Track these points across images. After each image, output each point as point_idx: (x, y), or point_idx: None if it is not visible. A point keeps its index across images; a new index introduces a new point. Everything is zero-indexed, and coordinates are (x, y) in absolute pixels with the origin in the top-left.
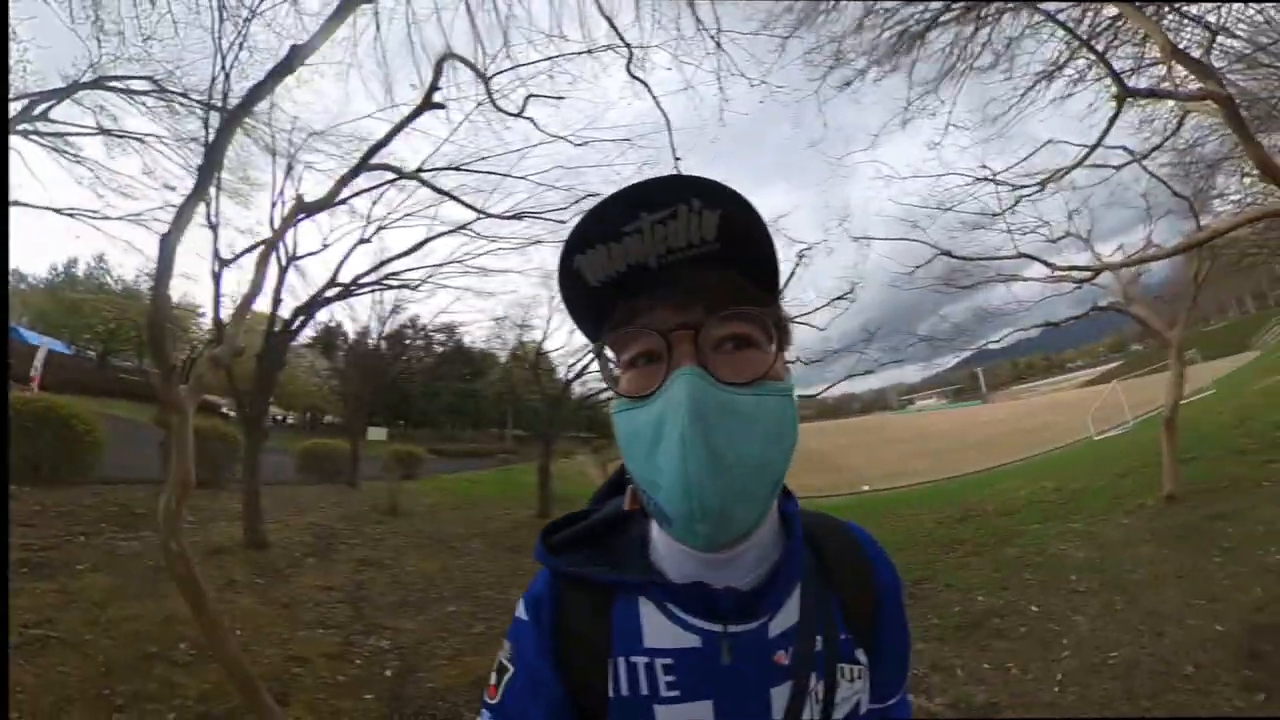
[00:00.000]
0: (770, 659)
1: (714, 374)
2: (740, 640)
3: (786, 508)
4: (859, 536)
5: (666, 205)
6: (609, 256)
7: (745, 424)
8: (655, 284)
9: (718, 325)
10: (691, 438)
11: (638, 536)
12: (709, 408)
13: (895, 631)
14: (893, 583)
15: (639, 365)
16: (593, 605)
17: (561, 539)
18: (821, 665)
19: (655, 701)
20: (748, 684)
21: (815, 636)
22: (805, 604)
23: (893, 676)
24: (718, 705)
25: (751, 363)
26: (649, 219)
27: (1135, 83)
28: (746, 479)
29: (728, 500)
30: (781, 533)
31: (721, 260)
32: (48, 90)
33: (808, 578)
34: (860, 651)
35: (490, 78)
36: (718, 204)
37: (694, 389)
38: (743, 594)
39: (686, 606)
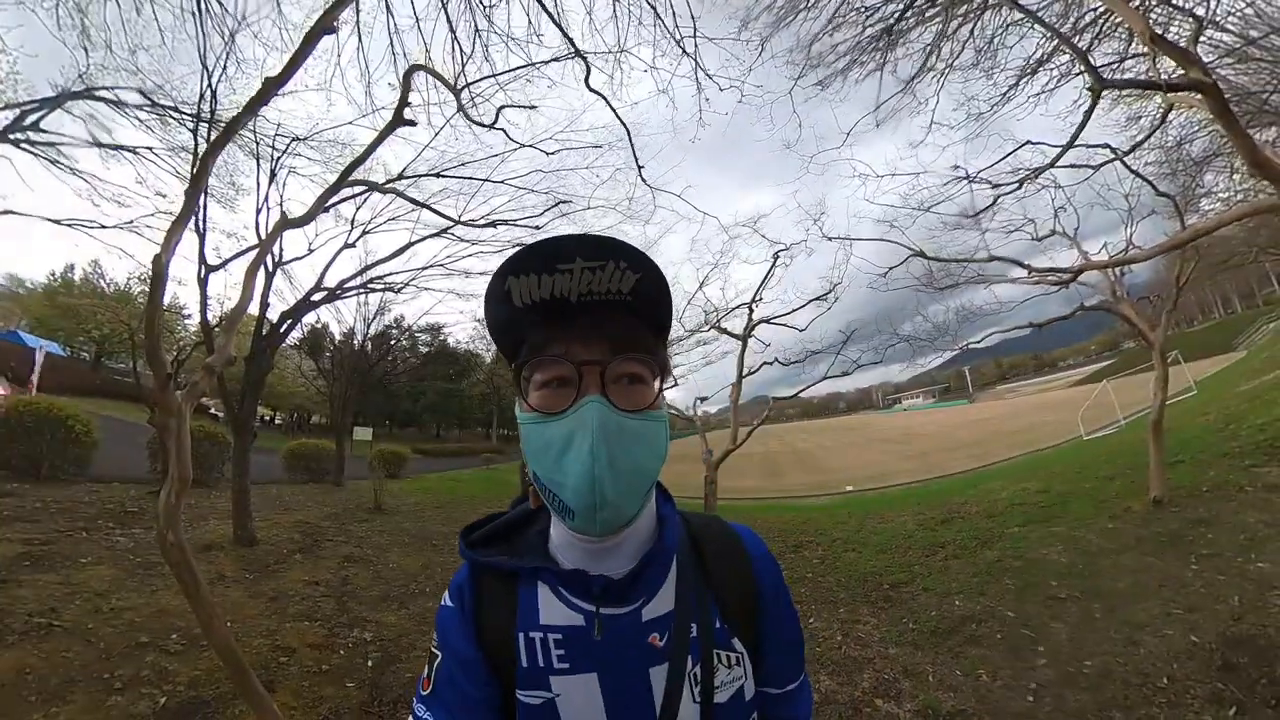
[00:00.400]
0: (645, 641)
1: (613, 401)
2: (613, 621)
3: (663, 510)
4: (745, 539)
5: (600, 259)
6: (538, 284)
7: (633, 441)
8: (570, 317)
9: (619, 364)
10: (599, 449)
11: (540, 531)
12: (610, 427)
13: (781, 623)
14: (774, 580)
15: (552, 387)
16: (503, 589)
17: (478, 536)
18: (697, 650)
19: (550, 672)
20: (626, 661)
21: (690, 624)
22: (680, 594)
23: (786, 663)
24: (602, 679)
25: (641, 395)
26: (582, 263)
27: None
28: (632, 480)
29: (619, 495)
30: (656, 531)
31: (627, 309)
32: (37, 100)
33: (684, 572)
34: (737, 640)
35: (460, 89)
36: (640, 269)
37: (600, 414)
38: (614, 581)
39: (571, 589)
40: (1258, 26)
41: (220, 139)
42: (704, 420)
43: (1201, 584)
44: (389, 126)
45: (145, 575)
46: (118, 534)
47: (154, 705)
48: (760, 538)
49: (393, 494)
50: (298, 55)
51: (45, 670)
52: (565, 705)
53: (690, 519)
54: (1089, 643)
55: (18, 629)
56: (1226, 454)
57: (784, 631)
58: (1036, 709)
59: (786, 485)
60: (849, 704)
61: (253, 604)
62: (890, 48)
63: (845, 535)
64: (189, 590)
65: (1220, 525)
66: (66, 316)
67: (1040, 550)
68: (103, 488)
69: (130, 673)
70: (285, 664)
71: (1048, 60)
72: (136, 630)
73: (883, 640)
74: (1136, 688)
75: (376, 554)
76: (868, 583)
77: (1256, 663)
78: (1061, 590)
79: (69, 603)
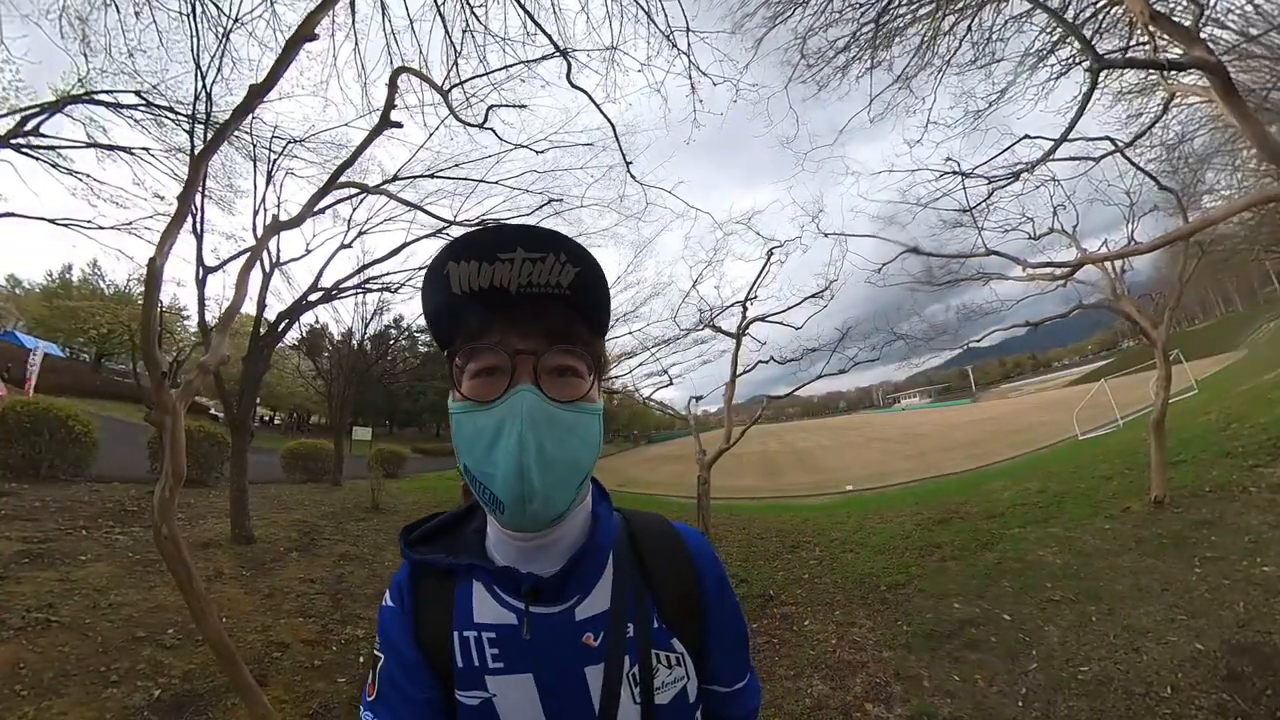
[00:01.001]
0: (579, 640)
1: (545, 392)
2: (544, 621)
3: (598, 509)
4: (687, 539)
5: (541, 251)
6: (478, 272)
7: (565, 432)
8: (508, 308)
9: (553, 355)
10: (527, 439)
11: (477, 529)
12: (540, 418)
13: (725, 623)
14: (717, 580)
15: (485, 376)
16: (440, 588)
17: (417, 535)
18: (635, 650)
19: (486, 672)
20: (560, 661)
21: (627, 624)
22: (616, 594)
23: (732, 661)
24: (537, 679)
25: (573, 387)
26: (524, 254)
27: (1123, 79)
28: (562, 471)
29: (549, 486)
30: (590, 529)
31: (566, 304)
32: (38, 105)
33: (621, 571)
34: (677, 641)
35: (448, 90)
36: (580, 263)
37: (530, 403)
38: (542, 579)
39: (503, 587)
40: (1257, 24)
41: (210, 145)
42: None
43: (1206, 588)
44: (376, 129)
45: (144, 572)
46: (117, 532)
47: (148, 698)
48: (704, 537)
49: (391, 493)
50: (279, 63)
51: (39, 664)
52: (503, 705)
53: (631, 518)
54: (1087, 648)
55: (14, 624)
56: (1229, 454)
57: (728, 630)
58: (1031, 715)
59: (785, 485)
60: (839, 709)
61: (248, 600)
62: (886, 45)
63: (844, 535)
64: (182, 583)
65: (1224, 527)
66: (66, 317)
67: (1038, 551)
68: (103, 487)
69: (126, 666)
70: (279, 659)
71: (1047, 55)
72: (133, 625)
73: (878, 643)
74: (1139, 697)
75: (372, 552)
76: (865, 584)
77: (1262, 672)
78: (1059, 593)
79: (67, 598)
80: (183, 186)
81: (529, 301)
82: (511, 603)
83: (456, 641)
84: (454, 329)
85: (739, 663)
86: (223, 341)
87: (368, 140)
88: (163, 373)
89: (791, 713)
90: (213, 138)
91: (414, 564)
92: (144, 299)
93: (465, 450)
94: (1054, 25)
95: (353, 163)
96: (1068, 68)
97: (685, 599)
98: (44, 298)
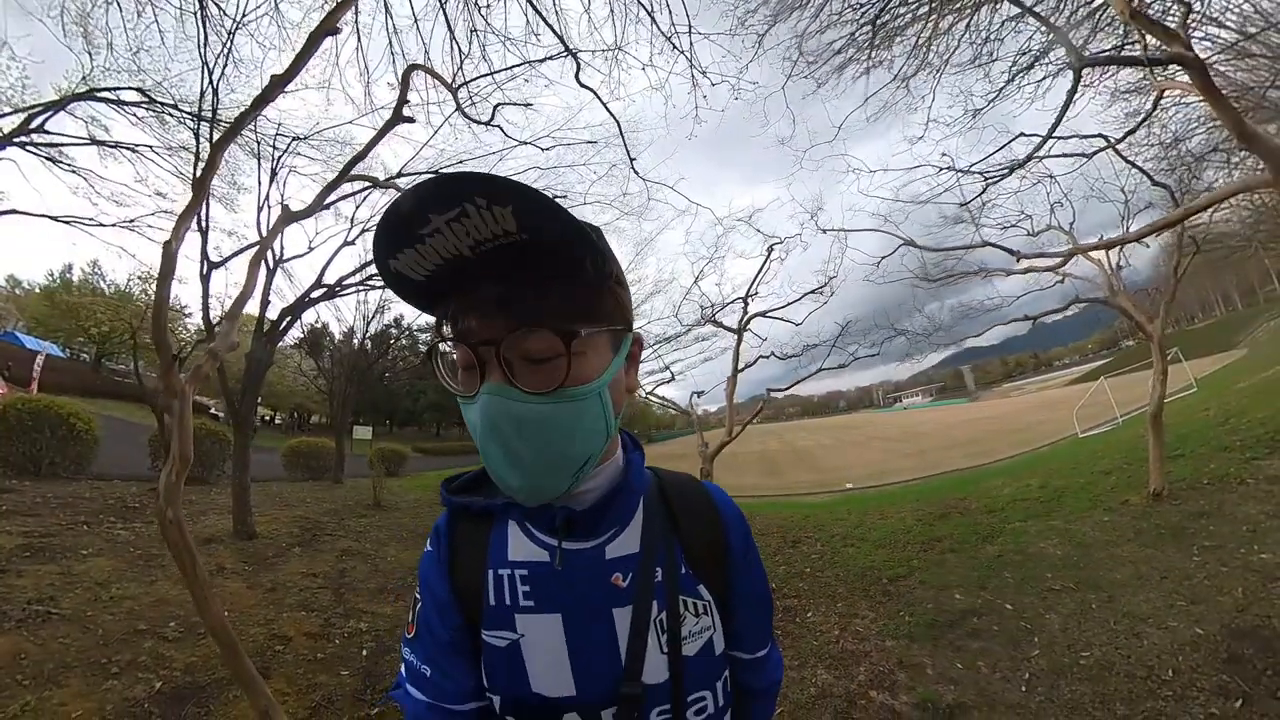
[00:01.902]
0: (608, 580)
1: (517, 383)
2: (576, 556)
3: (631, 455)
4: (714, 493)
5: (453, 206)
6: (420, 256)
7: (543, 429)
8: (475, 272)
9: (516, 342)
10: (486, 445)
11: None
12: (503, 421)
13: (749, 580)
14: (742, 535)
15: (464, 369)
16: (476, 531)
17: (458, 484)
18: (663, 595)
19: (516, 610)
20: (590, 601)
21: (655, 567)
22: (646, 537)
23: (755, 622)
24: (566, 619)
25: (549, 372)
26: (440, 219)
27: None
28: (544, 466)
29: (531, 482)
30: (624, 473)
31: (535, 251)
32: (42, 103)
33: (650, 517)
34: (704, 588)
35: (457, 88)
36: (505, 200)
37: (489, 406)
38: (575, 512)
39: (536, 524)
40: (1254, 22)
41: (229, 133)
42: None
43: (1204, 575)
44: (388, 124)
45: (145, 567)
46: (119, 528)
47: (150, 689)
48: (729, 496)
49: (392, 491)
50: (302, 54)
51: (40, 655)
52: (529, 649)
53: (661, 473)
54: (1088, 634)
55: (15, 616)
56: (1227, 448)
57: (752, 585)
58: (1035, 700)
59: (786, 483)
60: (845, 697)
61: (251, 594)
62: (884, 45)
63: (844, 531)
64: (185, 569)
65: (1222, 517)
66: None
67: (1039, 544)
68: (104, 484)
69: (127, 658)
70: (281, 652)
71: (1044, 55)
72: (134, 618)
73: (880, 634)
74: (1141, 680)
75: (374, 548)
76: (866, 577)
77: (1262, 654)
78: (1058, 582)
79: (68, 591)
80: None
81: (491, 264)
82: (545, 539)
83: (490, 580)
84: (436, 307)
85: (762, 628)
86: (233, 329)
87: (380, 134)
88: (173, 355)
89: (797, 701)
90: (232, 125)
91: (452, 509)
92: (157, 282)
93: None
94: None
95: (365, 156)
96: (1061, 67)
97: (712, 547)
98: (44, 297)
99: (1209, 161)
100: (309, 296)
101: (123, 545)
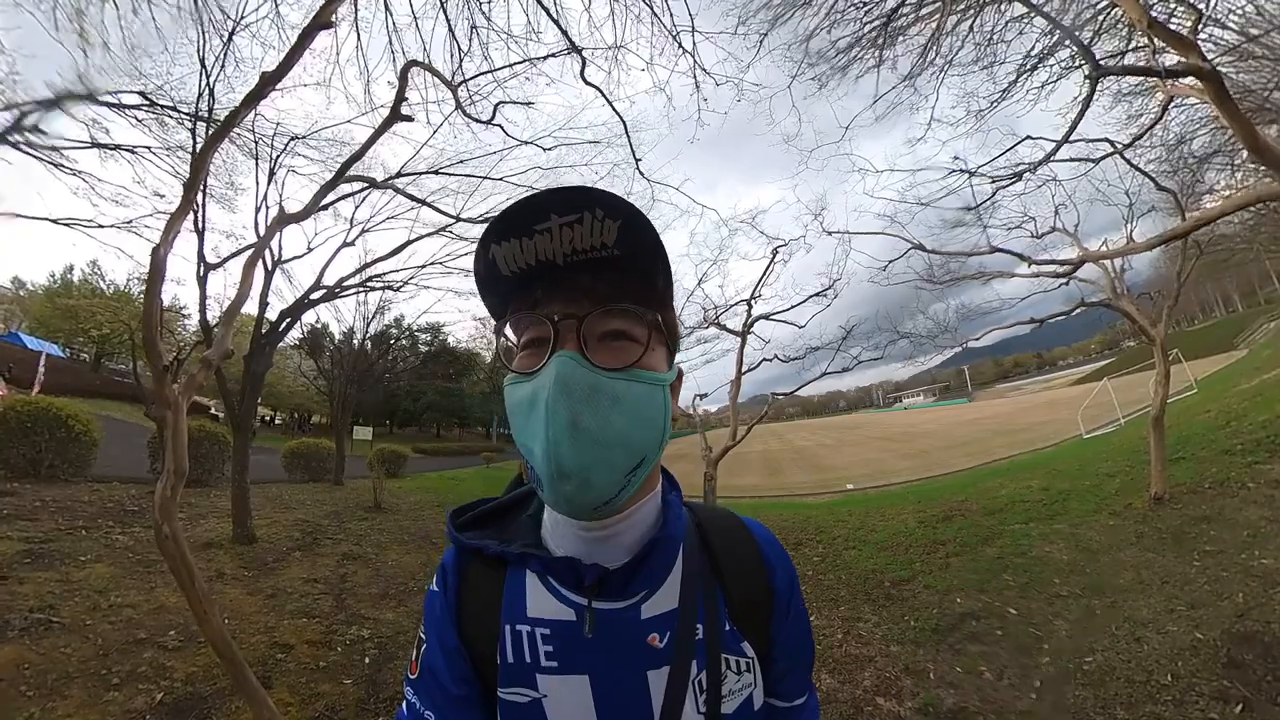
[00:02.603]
0: (644, 641)
1: (592, 359)
2: (608, 617)
3: (669, 496)
4: (757, 534)
5: (574, 211)
6: (520, 249)
7: (609, 403)
8: (560, 280)
9: (599, 320)
10: (554, 408)
11: (531, 516)
12: (575, 384)
13: (792, 630)
14: (788, 579)
15: (531, 348)
16: (490, 576)
17: (467, 519)
18: (703, 654)
19: (538, 670)
20: (622, 663)
21: (696, 624)
22: (685, 592)
23: (793, 673)
24: (594, 681)
25: (624, 352)
26: (558, 220)
27: (1123, 81)
28: (604, 448)
29: (585, 463)
30: (661, 520)
31: (620, 266)
32: (36, 101)
33: (690, 566)
34: (747, 645)
35: (457, 86)
36: (618, 215)
37: (563, 367)
38: (608, 571)
39: (561, 579)
40: (1258, 24)
41: (218, 133)
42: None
43: (1205, 580)
44: (386, 122)
45: (144, 573)
46: (117, 533)
47: (150, 701)
48: (772, 532)
49: (392, 493)
50: (294, 50)
51: (44, 665)
52: (552, 707)
53: (696, 509)
54: (1091, 639)
55: (17, 625)
56: (1228, 451)
57: (796, 636)
58: (1039, 706)
59: (787, 483)
60: (850, 703)
61: (251, 601)
62: (889, 44)
63: (846, 533)
64: (184, 583)
65: (1223, 522)
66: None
67: (1042, 547)
68: (103, 487)
69: (128, 669)
70: (283, 660)
71: (1048, 55)
72: (134, 627)
73: (884, 638)
74: (1140, 685)
75: (375, 552)
76: (869, 580)
77: (1263, 659)
78: (1063, 587)
79: (68, 599)
80: (188, 178)
81: (578, 270)
82: (570, 597)
83: (508, 635)
84: (508, 307)
85: (802, 676)
86: (227, 335)
87: (378, 133)
88: (165, 367)
89: None
90: (221, 124)
91: (461, 549)
92: (146, 289)
93: (512, 423)
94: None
95: (362, 155)
96: (1068, 70)
97: (756, 597)
98: (47, 299)
99: (1211, 164)
100: (308, 298)
101: (121, 551)
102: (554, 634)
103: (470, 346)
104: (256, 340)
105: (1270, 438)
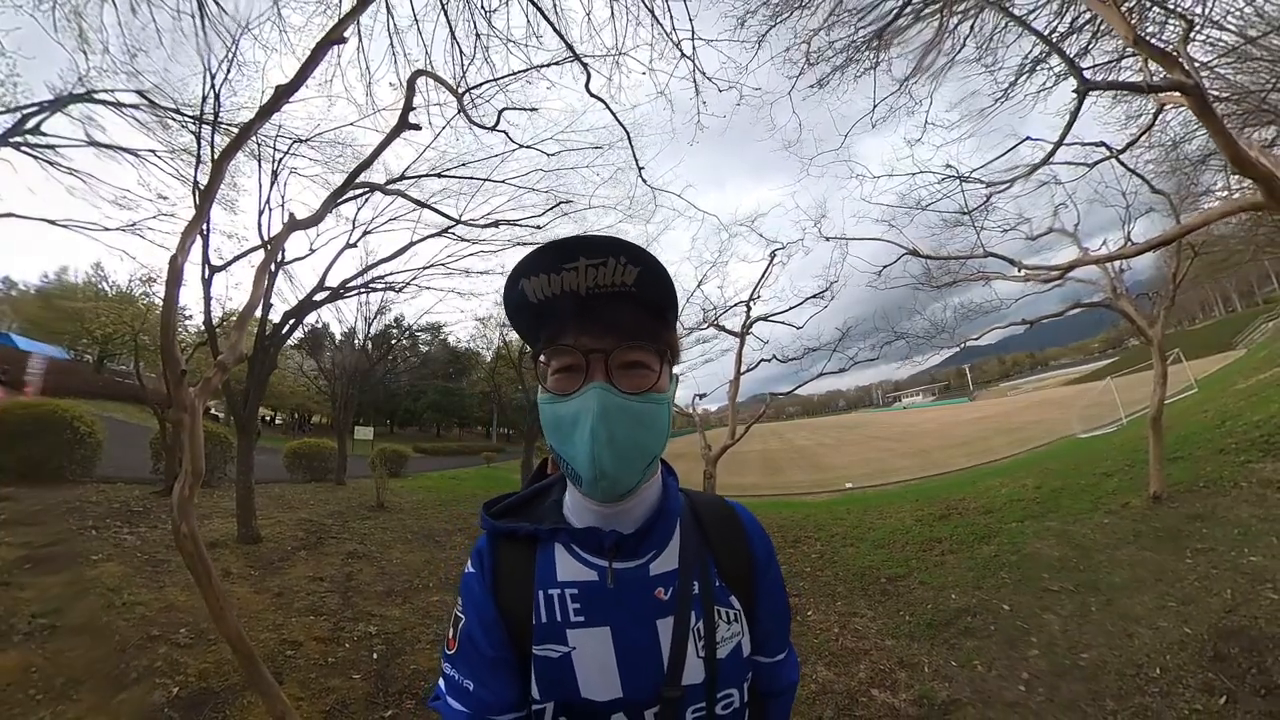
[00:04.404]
0: (652, 594)
1: (616, 385)
2: (624, 574)
3: (667, 480)
4: (741, 514)
5: (601, 256)
6: (548, 283)
7: (633, 421)
8: (581, 310)
9: (622, 353)
10: (599, 430)
11: (554, 501)
12: (611, 409)
13: (772, 592)
14: (766, 551)
15: (564, 372)
16: (521, 554)
17: (499, 509)
18: (699, 605)
19: (568, 626)
20: (636, 614)
21: (693, 581)
22: (684, 554)
23: (775, 631)
24: (614, 631)
25: (642, 379)
26: (585, 261)
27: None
28: (629, 455)
29: (618, 468)
30: (662, 497)
31: (634, 300)
32: (37, 103)
33: (686, 535)
34: (735, 598)
35: (463, 93)
36: (639, 263)
37: (601, 398)
38: (624, 536)
39: (584, 546)
40: (1256, 25)
41: (233, 145)
42: (703, 418)
43: (1196, 577)
44: (394, 131)
45: (153, 572)
46: (125, 532)
47: (168, 695)
48: (754, 514)
49: (394, 492)
50: (307, 64)
51: (51, 670)
52: (580, 659)
53: (691, 495)
54: (1084, 635)
55: (20, 629)
56: (1222, 450)
57: (775, 599)
58: (1030, 698)
59: (786, 482)
60: (846, 694)
61: (258, 599)
62: (885, 46)
63: (844, 531)
64: (201, 581)
65: (1215, 520)
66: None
67: (1036, 545)
68: (108, 488)
69: (144, 664)
70: (292, 657)
71: (1045, 59)
72: (148, 624)
73: (879, 632)
74: (1130, 677)
75: (380, 550)
76: (865, 577)
77: (1247, 653)
78: (1055, 584)
79: (83, 598)
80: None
81: (598, 301)
82: (593, 560)
83: (541, 599)
84: (537, 330)
85: (781, 634)
86: (241, 339)
87: (386, 141)
88: (182, 371)
89: (798, 697)
90: (236, 136)
91: (493, 533)
92: (164, 297)
93: (550, 434)
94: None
95: (371, 163)
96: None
97: (739, 563)
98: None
99: (1207, 165)
100: (312, 299)
101: (130, 551)
102: (581, 593)
103: (471, 346)
104: (260, 342)
105: (1263, 437)
